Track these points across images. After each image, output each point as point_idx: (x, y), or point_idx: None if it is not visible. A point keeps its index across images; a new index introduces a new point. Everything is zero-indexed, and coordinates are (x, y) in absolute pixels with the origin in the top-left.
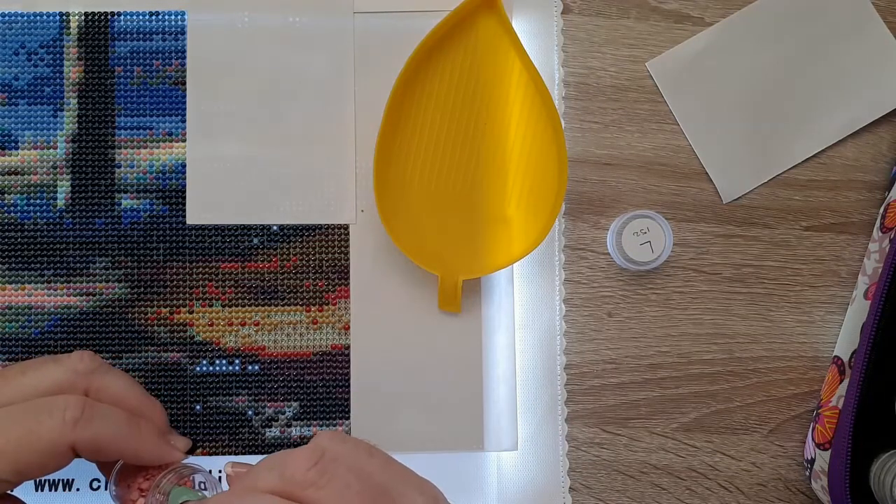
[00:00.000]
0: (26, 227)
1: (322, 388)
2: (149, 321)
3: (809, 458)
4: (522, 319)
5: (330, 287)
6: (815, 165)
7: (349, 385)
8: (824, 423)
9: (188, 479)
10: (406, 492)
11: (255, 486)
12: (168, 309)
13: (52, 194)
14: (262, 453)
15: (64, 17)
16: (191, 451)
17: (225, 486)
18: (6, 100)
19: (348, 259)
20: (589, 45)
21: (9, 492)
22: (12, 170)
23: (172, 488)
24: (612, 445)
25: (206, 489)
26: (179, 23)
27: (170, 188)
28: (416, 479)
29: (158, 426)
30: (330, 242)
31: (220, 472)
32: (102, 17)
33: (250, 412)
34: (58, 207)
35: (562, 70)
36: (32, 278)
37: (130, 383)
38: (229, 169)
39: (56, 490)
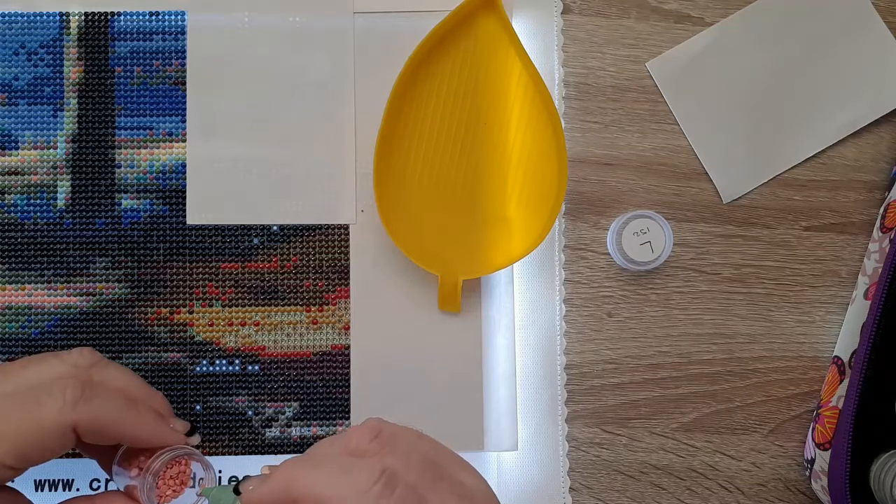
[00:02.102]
0: (26, 227)
1: (322, 388)
2: (149, 321)
3: (809, 458)
4: (522, 319)
5: (330, 287)
6: (815, 165)
7: (349, 385)
8: (824, 423)
9: (182, 460)
10: (457, 470)
11: (340, 450)
12: (168, 309)
13: (52, 194)
14: (262, 453)
15: (64, 17)
16: (191, 433)
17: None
18: (6, 100)
19: (348, 259)
20: (589, 45)
21: (10, 485)
22: (12, 170)
23: (211, 490)
24: (612, 445)
25: (202, 476)
26: (179, 23)
27: (170, 188)
28: (464, 462)
29: (159, 411)
30: (330, 242)
31: (219, 472)
32: (102, 18)
33: (250, 412)
34: (58, 207)
35: (562, 70)
36: (32, 278)
37: (130, 376)
38: (229, 169)
39: (56, 490)
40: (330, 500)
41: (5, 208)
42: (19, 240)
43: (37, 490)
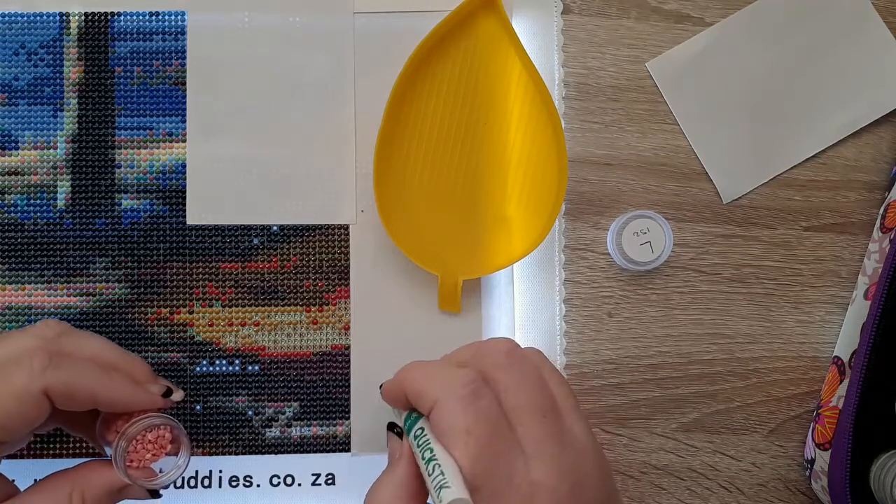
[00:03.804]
0: (26, 227)
1: (322, 388)
2: (149, 321)
3: (809, 458)
4: (522, 319)
5: (330, 287)
6: (815, 165)
7: (349, 385)
8: (824, 423)
9: (159, 429)
10: (573, 412)
11: (455, 357)
12: (168, 309)
13: (52, 194)
14: (263, 453)
15: (64, 18)
16: (167, 395)
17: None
18: (6, 100)
19: (348, 259)
20: (589, 45)
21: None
22: (12, 170)
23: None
24: (612, 445)
25: (182, 446)
26: (179, 23)
27: (170, 188)
28: (580, 408)
29: (136, 376)
30: (330, 242)
31: (219, 472)
32: (102, 18)
33: (250, 412)
34: (58, 208)
35: (562, 70)
36: (32, 278)
37: (103, 342)
38: (229, 169)
39: None
40: (424, 391)
41: (5, 208)
42: (19, 240)
43: None
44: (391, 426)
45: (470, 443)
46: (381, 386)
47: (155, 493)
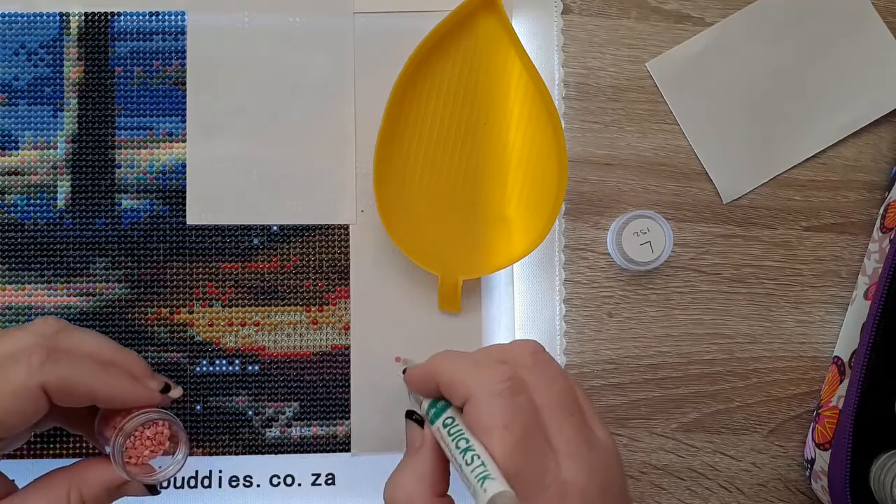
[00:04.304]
0: (26, 227)
1: (322, 388)
2: (149, 321)
3: (809, 458)
4: (522, 319)
5: (330, 287)
6: (815, 165)
7: (349, 385)
8: (824, 423)
9: (157, 425)
10: (593, 414)
11: (488, 354)
12: (168, 309)
13: (52, 194)
14: (263, 453)
15: (64, 18)
16: (166, 390)
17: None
18: (6, 100)
19: (348, 259)
20: (589, 45)
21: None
22: (12, 170)
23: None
24: None
25: (179, 442)
26: (179, 23)
27: (170, 188)
28: (600, 417)
29: (134, 372)
30: (330, 242)
31: (219, 472)
32: (102, 18)
33: (250, 412)
34: (58, 208)
35: (562, 70)
36: (32, 278)
37: (100, 339)
38: (229, 169)
39: None
40: (459, 383)
41: (5, 208)
42: (19, 240)
43: None
44: (409, 414)
45: (507, 438)
46: (403, 371)
47: (153, 490)
